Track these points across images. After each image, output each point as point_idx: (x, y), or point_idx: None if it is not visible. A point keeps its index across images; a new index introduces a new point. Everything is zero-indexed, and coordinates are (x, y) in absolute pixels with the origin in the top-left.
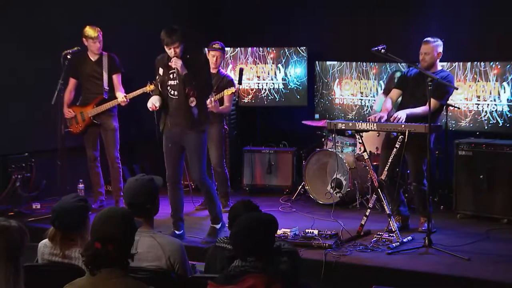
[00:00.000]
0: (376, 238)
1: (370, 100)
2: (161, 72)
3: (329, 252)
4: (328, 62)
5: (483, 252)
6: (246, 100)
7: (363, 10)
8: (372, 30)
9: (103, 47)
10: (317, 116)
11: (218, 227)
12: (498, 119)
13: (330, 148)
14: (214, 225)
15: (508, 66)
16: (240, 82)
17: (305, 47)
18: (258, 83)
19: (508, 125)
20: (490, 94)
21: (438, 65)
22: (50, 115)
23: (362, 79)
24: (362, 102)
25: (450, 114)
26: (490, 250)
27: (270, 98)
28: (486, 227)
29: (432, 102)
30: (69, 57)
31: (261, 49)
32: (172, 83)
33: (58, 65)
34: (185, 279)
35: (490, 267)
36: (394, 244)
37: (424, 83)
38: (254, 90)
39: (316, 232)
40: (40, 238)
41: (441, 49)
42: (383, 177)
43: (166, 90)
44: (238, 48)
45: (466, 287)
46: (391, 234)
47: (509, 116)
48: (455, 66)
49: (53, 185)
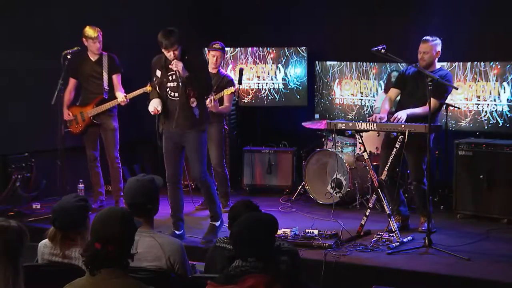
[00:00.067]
0: (376, 238)
1: (370, 100)
2: (158, 74)
3: (329, 252)
4: (328, 62)
5: (483, 252)
6: (246, 100)
7: (363, 10)
8: (372, 30)
9: (103, 47)
10: (317, 116)
11: (217, 225)
12: (498, 119)
13: (330, 148)
14: (214, 222)
15: (508, 66)
16: (240, 82)
17: (305, 47)
18: (258, 83)
19: (508, 125)
20: (490, 94)
21: (436, 63)
22: (50, 115)
23: (362, 79)
24: (362, 102)
25: (450, 114)
26: (490, 250)
27: (270, 98)
28: (486, 227)
29: (432, 102)
30: (69, 57)
31: (261, 49)
32: (171, 85)
33: (58, 65)
34: (185, 279)
35: (490, 267)
36: (394, 244)
37: (423, 83)
38: (254, 90)
39: (316, 232)
40: (40, 238)
41: (439, 48)
42: (383, 177)
43: (165, 92)
44: (238, 48)
45: (466, 287)
46: (391, 234)
47: (509, 116)
48: (455, 66)
49: (53, 185)
